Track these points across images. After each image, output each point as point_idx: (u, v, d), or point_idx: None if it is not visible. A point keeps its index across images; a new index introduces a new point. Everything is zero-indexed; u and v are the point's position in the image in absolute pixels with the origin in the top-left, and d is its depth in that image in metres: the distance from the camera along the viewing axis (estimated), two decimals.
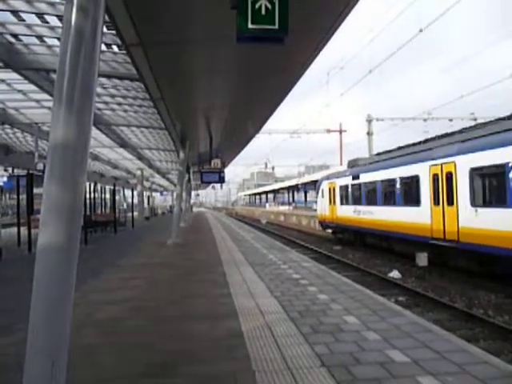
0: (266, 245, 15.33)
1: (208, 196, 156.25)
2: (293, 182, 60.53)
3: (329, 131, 46.16)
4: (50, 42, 10.14)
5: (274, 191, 79.92)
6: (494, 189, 11.48)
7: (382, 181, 17.29)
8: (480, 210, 11.56)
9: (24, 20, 9.08)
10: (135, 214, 34.31)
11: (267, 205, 75.67)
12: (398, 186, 15.98)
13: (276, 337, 4.88)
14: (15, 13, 8.71)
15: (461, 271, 12.53)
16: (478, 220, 11.52)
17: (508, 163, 10.56)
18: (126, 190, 39.05)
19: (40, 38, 9.91)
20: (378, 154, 20.64)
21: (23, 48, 10.45)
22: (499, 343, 7.26)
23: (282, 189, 71.19)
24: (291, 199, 69.08)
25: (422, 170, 14.16)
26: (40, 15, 8.74)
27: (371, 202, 18.33)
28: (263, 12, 4.47)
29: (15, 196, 16.34)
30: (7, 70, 11.15)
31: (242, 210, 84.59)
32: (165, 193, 77.36)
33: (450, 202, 12.71)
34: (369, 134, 33.57)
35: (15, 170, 26.91)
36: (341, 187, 22.20)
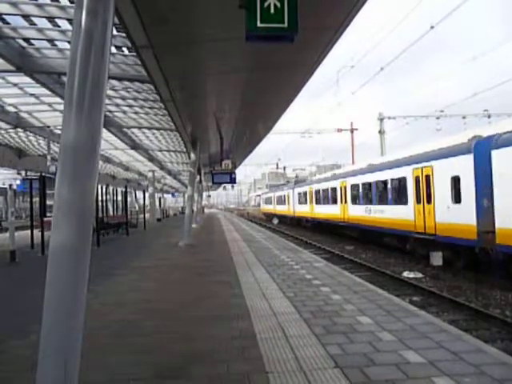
0: (278, 245, 15.30)
1: (219, 197, 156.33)
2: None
3: (339, 130, 45.85)
4: (61, 45, 10.21)
5: None
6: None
7: (271, 197, 51.49)
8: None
9: (35, 24, 9.15)
10: (147, 215, 34.47)
11: None
12: (276, 198, 47.28)
13: (289, 337, 4.85)
14: (26, 17, 8.79)
15: (476, 270, 12.35)
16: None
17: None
18: (137, 192, 39.30)
19: (51, 41, 9.97)
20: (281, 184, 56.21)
21: (35, 52, 10.54)
22: None
23: None
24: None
25: (275, 195, 49.49)
26: (51, 19, 8.81)
27: (271, 203, 50.55)
28: (272, 10, 4.43)
29: (28, 199, 16.51)
30: (19, 74, 11.24)
31: (254, 210, 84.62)
32: (176, 194, 77.69)
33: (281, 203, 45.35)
34: (380, 132, 33.35)
35: (28, 173, 27.20)
36: (265, 198, 57.84)
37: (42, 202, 14.87)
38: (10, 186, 18.41)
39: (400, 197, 16.83)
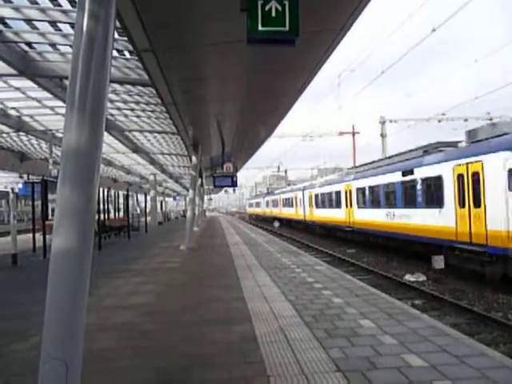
0: (279, 248, 15.29)
1: (221, 200, 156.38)
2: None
3: (341, 133, 45.84)
4: (63, 49, 10.25)
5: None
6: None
7: (253, 203, 76.95)
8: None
9: (37, 28, 9.19)
10: (148, 218, 34.48)
11: None
12: (255, 204, 71.95)
13: (290, 341, 4.84)
14: (29, 21, 8.83)
15: (478, 274, 12.31)
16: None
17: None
18: (139, 195, 39.32)
19: (53, 45, 10.01)
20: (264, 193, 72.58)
21: (37, 56, 10.57)
22: None
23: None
24: None
25: (255, 201, 75.38)
26: (53, 23, 8.84)
27: (252, 206, 76.44)
28: (273, 14, 4.43)
29: (30, 202, 16.55)
30: (21, 78, 11.28)
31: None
32: (178, 197, 77.65)
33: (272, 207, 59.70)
34: (382, 135, 33.36)
35: (30, 177, 27.27)
36: (249, 203, 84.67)
37: (44, 206, 14.89)
38: (12, 189, 18.43)
39: (292, 205, 38.33)
